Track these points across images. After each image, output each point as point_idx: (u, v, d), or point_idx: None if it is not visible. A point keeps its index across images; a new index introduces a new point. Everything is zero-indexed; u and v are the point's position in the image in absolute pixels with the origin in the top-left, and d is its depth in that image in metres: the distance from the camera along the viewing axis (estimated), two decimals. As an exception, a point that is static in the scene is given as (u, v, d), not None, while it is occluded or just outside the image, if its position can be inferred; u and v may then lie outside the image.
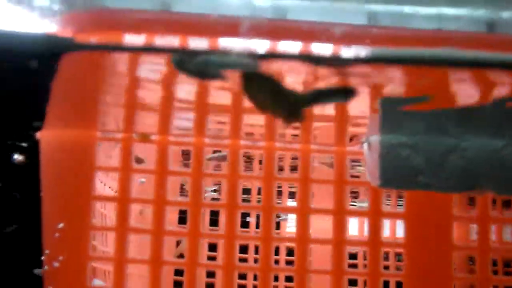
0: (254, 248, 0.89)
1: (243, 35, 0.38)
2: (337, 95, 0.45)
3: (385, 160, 0.50)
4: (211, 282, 0.77)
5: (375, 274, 0.54)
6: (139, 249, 0.59)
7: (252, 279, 0.88)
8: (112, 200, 0.55)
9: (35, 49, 0.42)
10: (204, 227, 0.60)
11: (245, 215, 0.85)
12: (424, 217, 0.55)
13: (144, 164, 0.59)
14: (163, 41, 0.40)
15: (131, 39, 0.40)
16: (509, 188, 0.50)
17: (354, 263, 0.91)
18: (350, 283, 0.57)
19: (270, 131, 0.54)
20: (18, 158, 0.76)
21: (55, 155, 0.55)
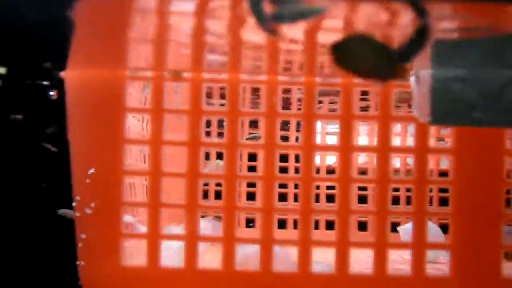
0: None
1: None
2: (421, 40, 0.42)
3: (436, 95, 0.47)
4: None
5: (421, 212, 0.52)
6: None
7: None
8: (143, 143, 0.52)
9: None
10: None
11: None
12: (474, 152, 0.52)
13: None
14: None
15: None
16: None
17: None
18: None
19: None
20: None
21: (82, 95, 0.52)
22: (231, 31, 0.49)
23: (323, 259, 0.54)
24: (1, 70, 0.69)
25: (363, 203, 0.79)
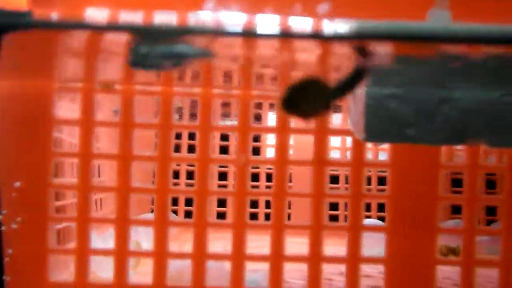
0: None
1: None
2: (359, 78, 0.41)
3: (371, 112, 0.46)
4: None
5: (356, 227, 0.51)
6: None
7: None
8: (73, 156, 0.51)
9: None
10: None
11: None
12: (410, 166, 0.52)
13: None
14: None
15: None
16: (504, 140, 0.46)
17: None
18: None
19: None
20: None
21: (9, 107, 0.50)
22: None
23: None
24: None
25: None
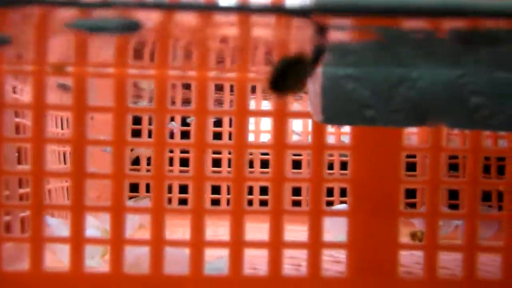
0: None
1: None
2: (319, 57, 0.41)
3: (328, 93, 0.45)
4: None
5: (317, 212, 0.51)
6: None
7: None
8: (22, 141, 0.49)
9: None
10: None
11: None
12: (371, 148, 0.51)
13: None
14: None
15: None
16: (464, 121, 0.46)
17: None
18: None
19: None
20: None
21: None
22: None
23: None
24: None
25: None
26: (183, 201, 0.92)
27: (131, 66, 0.49)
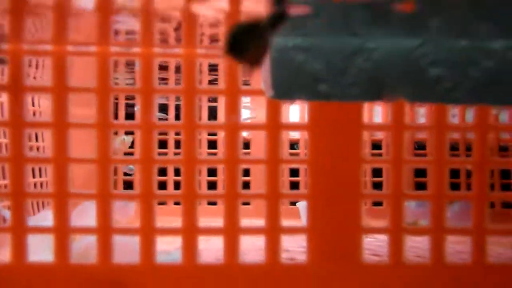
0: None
1: None
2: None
3: (278, 66, 0.42)
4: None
5: (274, 194, 0.48)
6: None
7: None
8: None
9: None
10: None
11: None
12: (329, 127, 0.48)
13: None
14: None
15: None
16: (423, 94, 0.43)
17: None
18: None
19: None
20: None
21: None
22: None
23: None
24: None
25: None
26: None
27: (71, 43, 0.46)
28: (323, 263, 0.48)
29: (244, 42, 0.39)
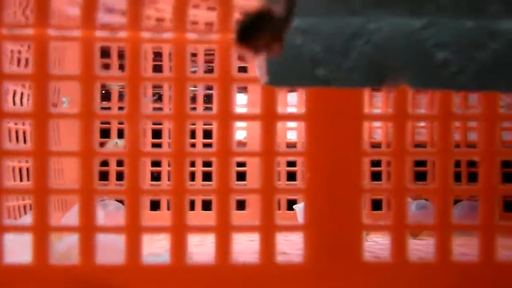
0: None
1: None
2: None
3: (273, 50, 0.39)
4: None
5: (269, 189, 0.45)
6: None
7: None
8: None
9: None
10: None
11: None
12: (328, 118, 0.45)
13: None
14: None
15: None
16: (428, 79, 0.40)
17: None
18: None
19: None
20: None
21: None
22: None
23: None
24: None
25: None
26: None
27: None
28: (321, 262, 0.45)
29: (257, 30, 0.37)
